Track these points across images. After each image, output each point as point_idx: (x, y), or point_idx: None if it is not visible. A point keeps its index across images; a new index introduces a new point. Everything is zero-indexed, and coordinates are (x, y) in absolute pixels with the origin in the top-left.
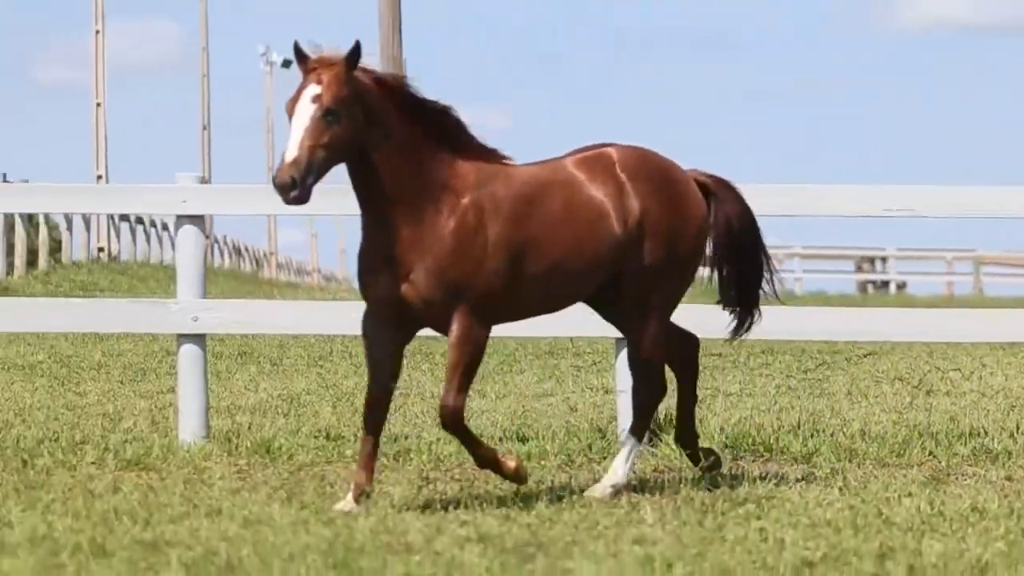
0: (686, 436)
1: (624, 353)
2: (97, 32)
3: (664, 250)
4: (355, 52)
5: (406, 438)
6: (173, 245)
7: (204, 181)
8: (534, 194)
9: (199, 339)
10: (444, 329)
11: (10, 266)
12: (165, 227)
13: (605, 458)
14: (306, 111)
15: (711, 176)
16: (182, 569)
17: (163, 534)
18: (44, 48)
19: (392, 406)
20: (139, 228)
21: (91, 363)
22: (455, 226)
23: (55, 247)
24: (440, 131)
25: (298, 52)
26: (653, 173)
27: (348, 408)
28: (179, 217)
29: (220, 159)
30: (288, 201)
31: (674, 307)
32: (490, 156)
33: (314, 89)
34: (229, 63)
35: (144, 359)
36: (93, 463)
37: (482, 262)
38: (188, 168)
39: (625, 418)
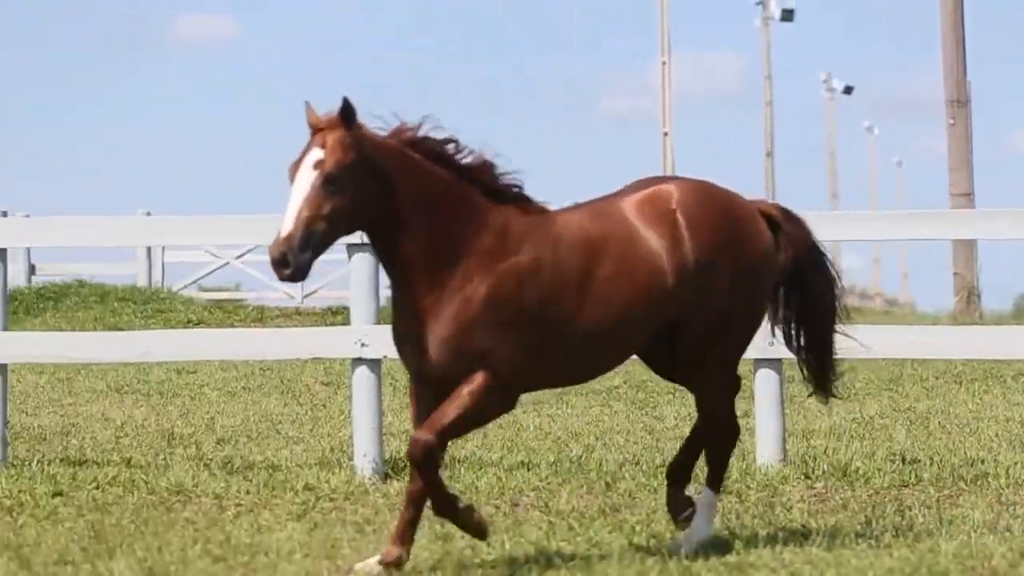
0: (680, 475)
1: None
2: (663, 63)
3: (727, 300)
4: (347, 110)
5: (982, 462)
6: None
7: None
8: (586, 254)
9: (776, 364)
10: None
11: None
12: None
13: None
14: (306, 179)
15: (777, 207)
16: None
17: (747, 557)
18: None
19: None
20: None
21: (666, 387)
22: (486, 294)
23: None
24: (470, 180)
25: (307, 113)
26: (716, 215)
27: (923, 432)
28: None
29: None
30: (282, 278)
31: (743, 351)
32: (528, 205)
33: (316, 154)
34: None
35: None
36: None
37: (514, 335)
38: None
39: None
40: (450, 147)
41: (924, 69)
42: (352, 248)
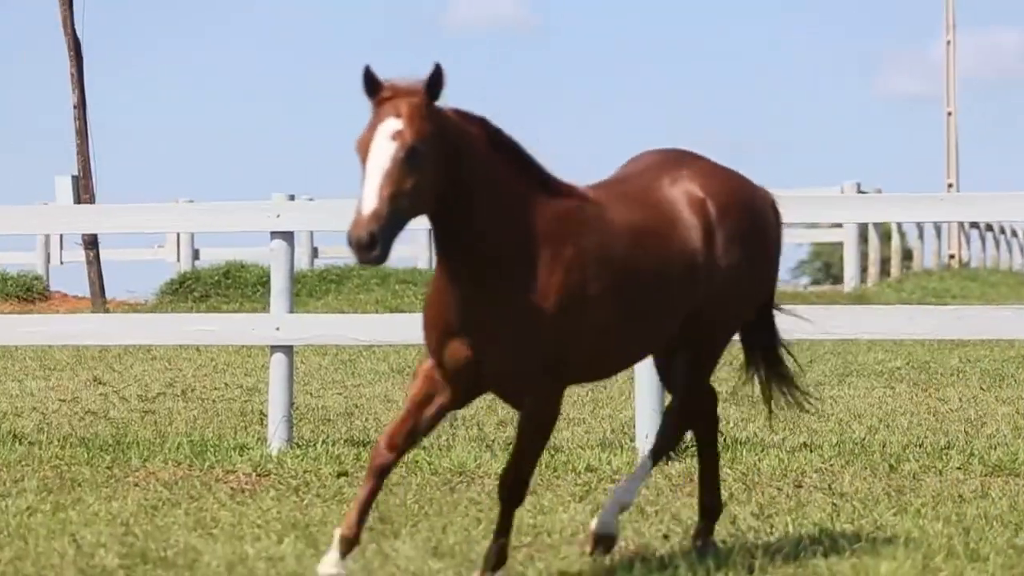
0: (715, 502)
1: None
2: (948, 43)
3: (744, 294)
4: (437, 77)
5: None
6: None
7: None
8: (631, 242)
9: None
10: (512, 397)
11: (864, 273)
12: (1015, 233)
13: None
14: (384, 151)
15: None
16: None
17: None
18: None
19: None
20: (988, 235)
21: (949, 368)
22: (558, 284)
23: (907, 255)
24: (525, 170)
25: (369, 79)
26: (741, 205)
27: None
28: None
29: None
30: (365, 261)
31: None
32: (575, 193)
33: (392, 124)
34: None
35: (1001, 365)
36: (959, 468)
37: (583, 326)
38: None
39: None
40: (498, 132)
41: None
42: None
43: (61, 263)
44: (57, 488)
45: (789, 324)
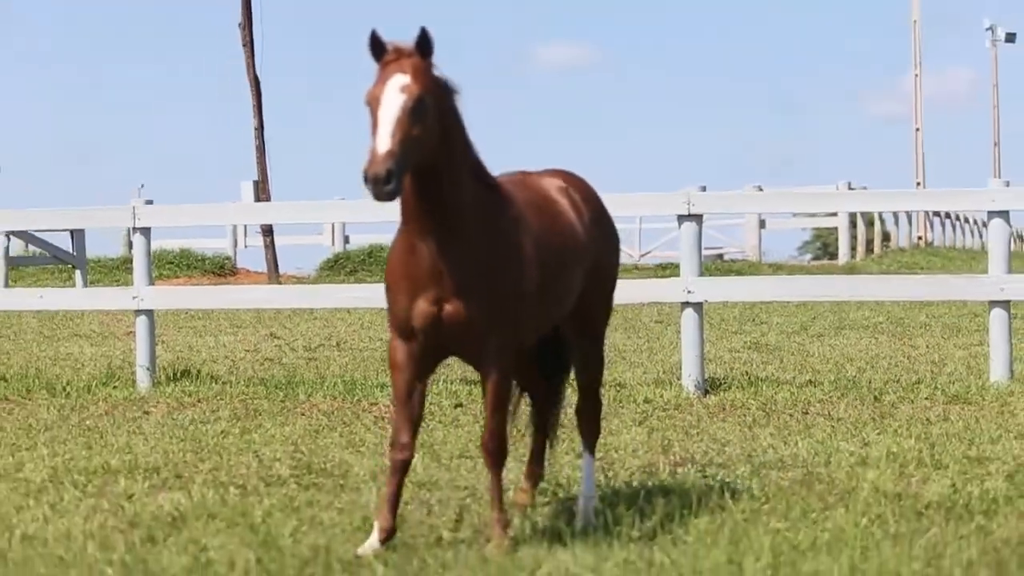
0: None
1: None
2: (916, 76)
3: (610, 270)
4: (425, 40)
5: None
6: (980, 234)
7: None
8: (539, 215)
9: (1006, 304)
10: (472, 352)
11: (853, 251)
12: (967, 220)
13: None
14: (395, 101)
15: None
16: (1003, 479)
17: (983, 451)
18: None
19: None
20: (947, 221)
21: (918, 323)
22: (508, 244)
23: (886, 237)
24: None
25: (375, 41)
26: (591, 194)
27: None
28: (990, 213)
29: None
30: (380, 196)
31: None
32: (490, 174)
33: (401, 79)
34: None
35: (958, 320)
36: (926, 399)
37: (523, 283)
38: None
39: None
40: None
41: None
42: (681, 218)
43: (245, 247)
44: (243, 416)
45: (807, 287)
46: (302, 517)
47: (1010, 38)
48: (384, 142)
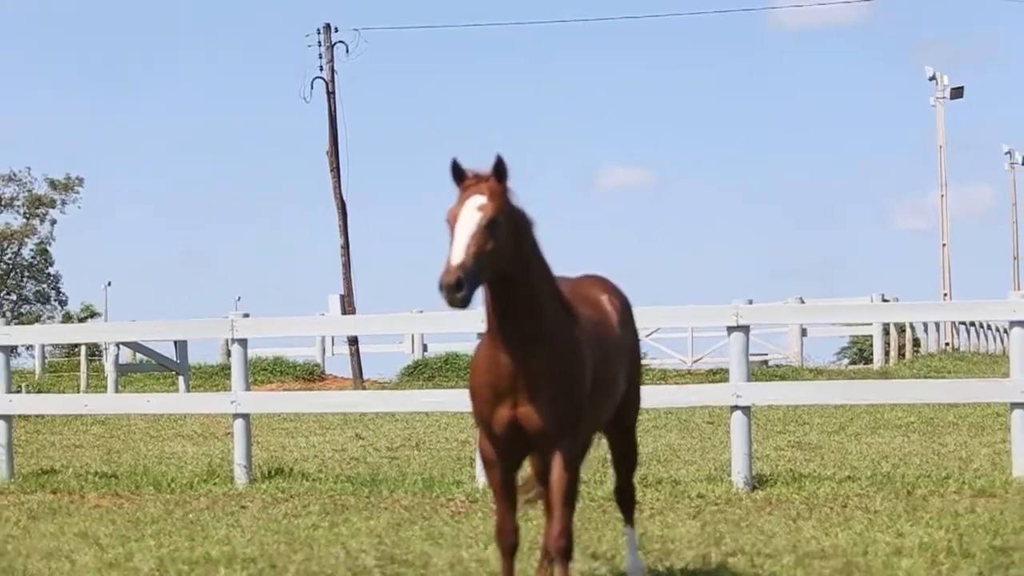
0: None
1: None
2: (942, 196)
3: (637, 370)
4: (501, 166)
5: None
6: (1001, 340)
7: None
8: (595, 319)
9: None
10: (547, 452)
11: (887, 356)
12: (990, 327)
13: None
14: (471, 219)
15: None
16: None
17: (1008, 541)
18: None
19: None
20: (972, 329)
21: (946, 422)
22: (581, 356)
23: (916, 343)
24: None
25: (456, 168)
26: (625, 302)
27: None
28: (1011, 322)
29: None
30: (452, 302)
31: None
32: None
33: (478, 199)
34: None
35: (983, 419)
36: (954, 492)
37: (586, 389)
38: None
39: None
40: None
41: None
42: (730, 329)
43: (333, 354)
44: (332, 511)
45: (845, 391)
46: None
47: None
48: (458, 255)
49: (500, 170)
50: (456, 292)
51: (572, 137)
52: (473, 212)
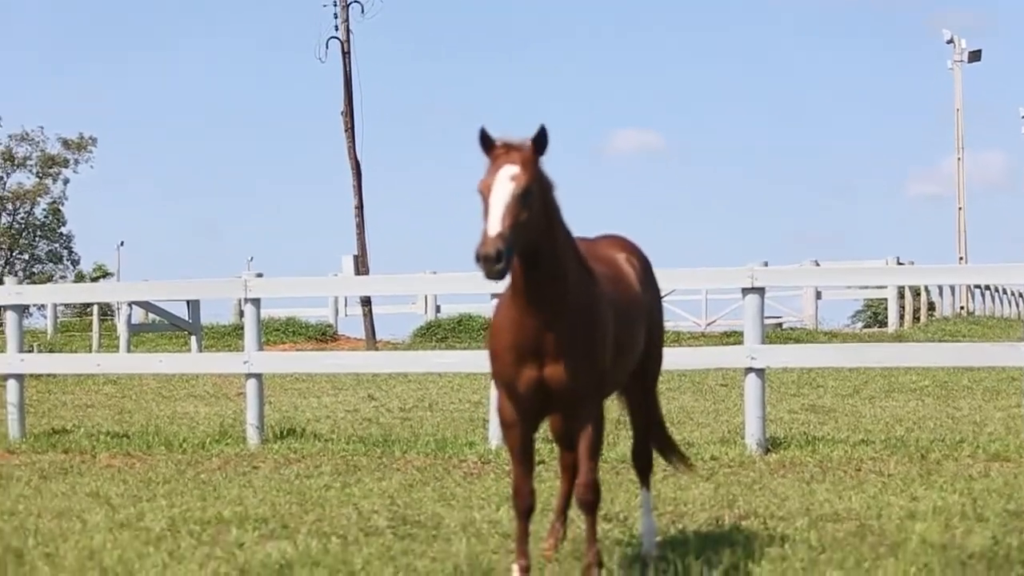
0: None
1: None
2: (959, 159)
3: (660, 329)
4: (543, 137)
5: None
6: (1017, 304)
7: None
8: (614, 282)
9: None
10: (572, 411)
11: (901, 320)
12: (1006, 291)
13: None
14: (505, 189)
15: None
16: None
17: (1022, 505)
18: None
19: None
20: (987, 293)
21: (960, 386)
22: (605, 317)
23: (931, 307)
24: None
25: (484, 137)
26: (646, 262)
27: None
28: None
29: None
30: (491, 274)
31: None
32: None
33: (511, 169)
34: None
35: (997, 383)
36: (968, 456)
37: (608, 349)
38: None
39: None
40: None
41: None
42: (745, 291)
43: (346, 315)
44: (344, 471)
45: (859, 354)
46: (398, 565)
47: None
48: (495, 225)
49: (542, 141)
50: (495, 264)
51: (586, 99)
52: (507, 182)
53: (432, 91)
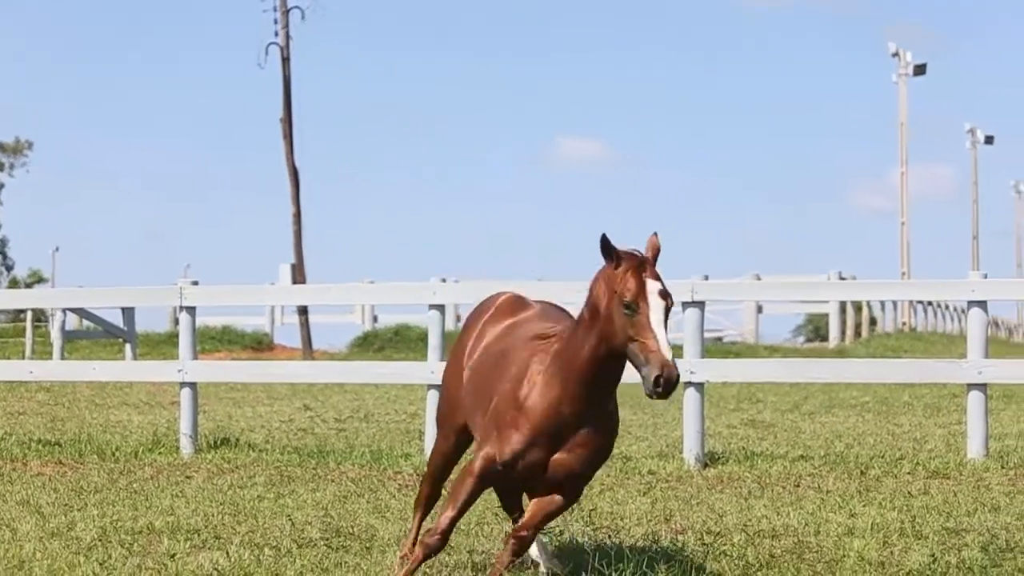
0: None
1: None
2: (902, 173)
3: None
4: (657, 254)
5: None
6: (958, 319)
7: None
8: None
9: (983, 387)
10: (561, 489)
11: (843, 335)
12: (947, 307)
13: None
14: (661, 308)
15: None
16: (979, 549)
17: (961, 523)
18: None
19: None
20: (929, 308)
21: (901, 402)
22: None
23: (873, 322)
24: None
25: (607, 244)
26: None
27: None
28: (969, 302)
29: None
30: (666, 396)
31: None
32: None
33: (657, 285)
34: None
35: (939, 400)
36: (908, 473)
37: None
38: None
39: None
40: None
41: None
42: (685, 304)
43: (282, 324)
44: (278, 482)
45: (800, 369)
46: None
47: (988, 140)
48: (668, 349)
49: (656, 256)
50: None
51: (528, 111)
52: (659, 300)
53: (372, 98)
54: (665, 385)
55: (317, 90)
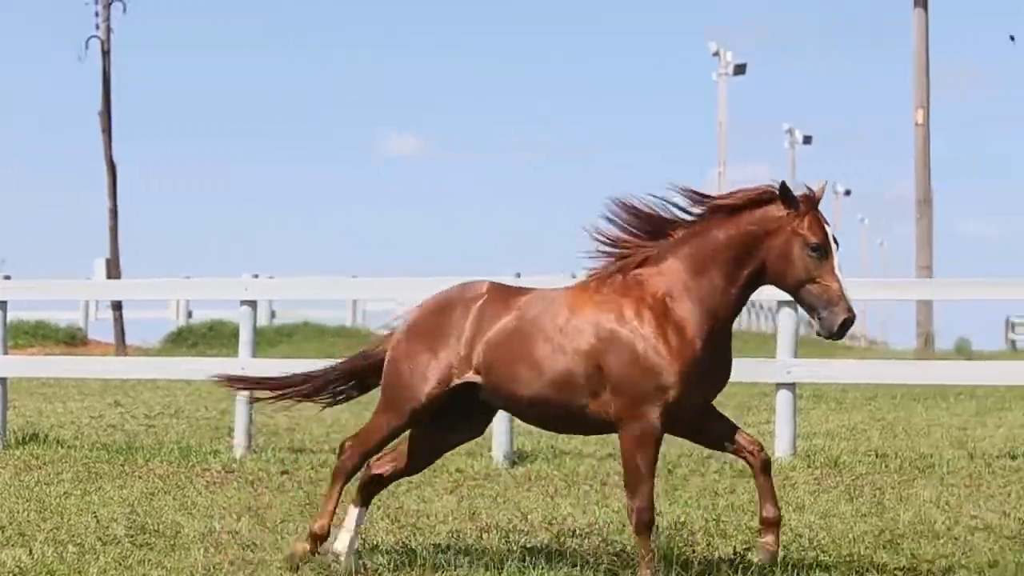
0: None
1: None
2: (719, 173)
3: None
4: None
5: (931, 456)
6: (773, 320)
7: None
8: None
9: (791, 386)
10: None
11: None
12: (761, 306)
13: None
14: (835, 253)
15: None
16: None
17: None
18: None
19: None
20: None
21: (717, 402)
22: None
23: None
24: None
25: (785, 191)
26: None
27: (889, 434)
28: (779, 302)
29: None
30: (843, 336)
31: None
32: None
33: (831, 231)
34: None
35: (749, 398)
36: (715, 472)
37: None
38: None
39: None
40: None
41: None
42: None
43: (96, 319)
44: (85, 479)
45: None
46: (134, 574)
47: (807, 140)
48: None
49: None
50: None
51: (349, 104)
52: (833, 245)
53: (194, 93)
54: (849, 327)
55: (139, 83)
